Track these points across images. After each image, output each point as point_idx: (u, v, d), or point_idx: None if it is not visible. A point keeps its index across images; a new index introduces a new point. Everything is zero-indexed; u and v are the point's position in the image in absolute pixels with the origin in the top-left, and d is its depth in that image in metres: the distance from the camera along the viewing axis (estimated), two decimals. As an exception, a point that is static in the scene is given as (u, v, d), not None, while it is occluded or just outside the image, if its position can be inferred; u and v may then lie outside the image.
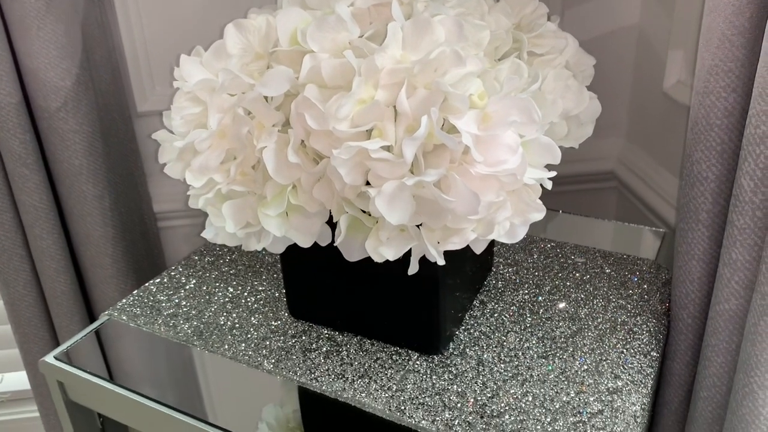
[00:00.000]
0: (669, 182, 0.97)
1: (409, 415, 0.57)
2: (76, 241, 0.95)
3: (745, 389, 0.57)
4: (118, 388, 0.64)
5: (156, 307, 0.73)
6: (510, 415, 0.57)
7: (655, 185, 1.01)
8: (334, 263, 0.64)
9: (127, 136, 0.99)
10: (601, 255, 0.79)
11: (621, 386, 0.60)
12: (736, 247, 0.58)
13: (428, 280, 0.60)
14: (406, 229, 0.51)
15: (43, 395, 1.03)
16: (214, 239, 0.58)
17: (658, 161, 1.01)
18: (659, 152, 1.01)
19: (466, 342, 0.66)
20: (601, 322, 0.68)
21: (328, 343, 0.67)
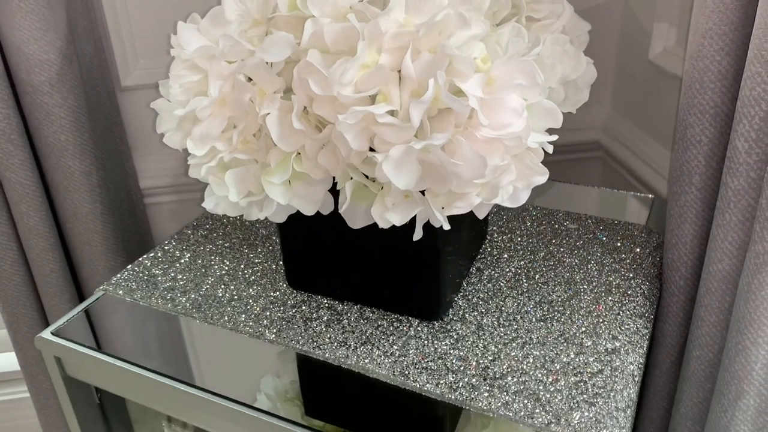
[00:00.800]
0: (655, 150, 0.99)
1: (414, 379, 0.58)
2: (64, 218, 0.94)
3: (738, 346, 0.59)
4: (117, 361, 0.64)
5: (152, 281, 0.73)
6: (512, 377, 0.58)
7: (641, 153, 1.02)
8: (334, 232, 0.64)
9: (111, 110, 0.97)
10: (593, 221, 0.80)
11: (618, 347, 0.61)
12: (730, 209, 0.59)
13: (429, 247, 0.60)
14: (410, 195, 0.51)
15: (33, 375, 1.02)
16: (214, 209, 0.58)
17: (643, 129, 1.02)
18: (645, 120, 1.02)
19: (465, 308, 0.66)
20: (596, 285, 0.69)
21: (328, 312, 0.67)
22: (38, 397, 1.04)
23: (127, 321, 0.69)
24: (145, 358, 0.64)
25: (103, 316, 0.70)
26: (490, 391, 0.56)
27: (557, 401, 0.55)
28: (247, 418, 0.58)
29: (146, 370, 0.63)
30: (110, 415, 0.76)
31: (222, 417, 0.59)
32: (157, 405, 0.67)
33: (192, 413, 0.63)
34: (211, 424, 0.63)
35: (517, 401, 0.55)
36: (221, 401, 0.58)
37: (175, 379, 0.61)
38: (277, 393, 0.61)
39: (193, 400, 0.60)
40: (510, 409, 0.55)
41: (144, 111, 1.03)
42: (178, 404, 0.63)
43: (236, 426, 0.60)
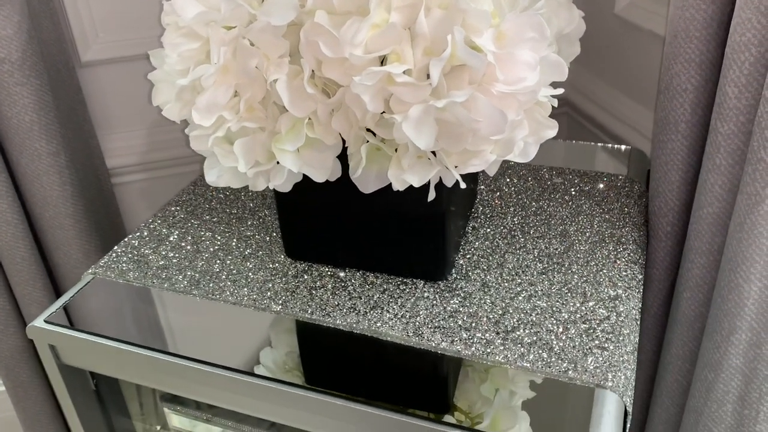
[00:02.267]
0: (623, 103, 1.01)
1: (428, 339, 0.59)
2: (32, 203, 0.90)
3: (731, 284, 0.62)
4: (115, 343, 0.62)
5: (143, 261, 0.71)
6: (524, 329, 0.59)
7: (609, 107, 1.04)
8: (335, 200, 0.63)
9: (72, 88, 0.93)
10: (577, 174, 0.82)
11: (620, 293, 0.63)
12: (720, 153, 0.62)
13: (434, 209, 0.60)
14: (423, 156, 0.51)
15: (9, 368, 0.98)
16: (216, 182, 0.56)
17: (610, 84, 1.04)
18: (612, 74, 1.04)
19: (467, 266, 0.67)
20: (590, 236, 0.71)
21: (331, 280, 0.66)
22: (15, 391, 1.01)
23: (116, 303, 0.67)
24: (140, 338, 0.62)
25: (90, 301, 0.68)
26: (504, 344, 0.58)
27: (571, 349, 0.57)
28: (250, 386, 0.57)
29: (144, 348, 0.61)
30: (107, 401, 0.74)
31: (225, 388, 0.59)
32: (156, 383, 0.65)
33: (194, 387, 0.62)
34: (214, 396, 0.62)
35: (532, 352, 0.57)
36: (224, 372, 0.58)
37: (174, 355, 0.60)
38: (277, 365, 0.61)
39: (194, 373, 0.59)
40: (527, 360, 0.56)
41: (106, 87, 0.98)
42: (178, 380, 0.62)
43: (239, 396, 0.60)
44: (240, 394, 0.59)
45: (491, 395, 0.57)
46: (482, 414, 0.56)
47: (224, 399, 0.61)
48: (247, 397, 0.59)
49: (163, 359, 0.60)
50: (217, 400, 0.62)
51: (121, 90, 0.99)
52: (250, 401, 0.60)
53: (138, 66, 0.98)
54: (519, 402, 0.56)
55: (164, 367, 0.61)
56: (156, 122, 1.03)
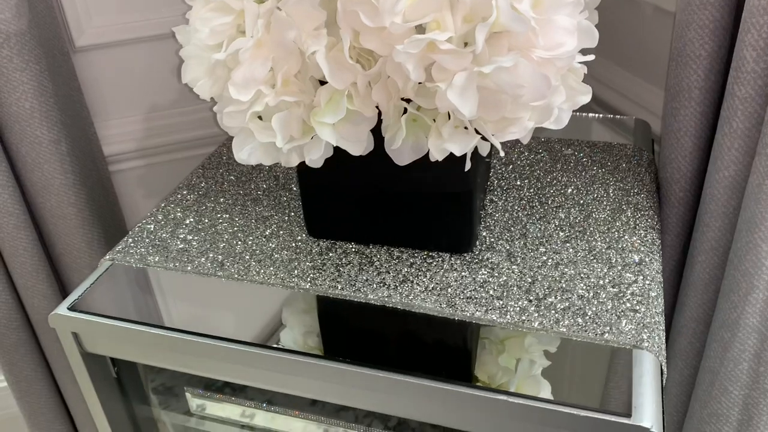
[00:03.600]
0: (616, 74, 1.02)
1: (462, 309, 0.59)
2: (33, 192, 0.87)
3: (749, 245, 0.63)
4: (142, 327, 0.61)
5: (163, 246, 0.70)
6: (556, 296, 0.60)
7: (604, 78, 1.05)
8: (362, 177, 0.63)
9: (69, 74, 0.91)
10: (586, 145, 0.83)
11: (643, 258, 0.64)
12: (737, 117, 0.63)
13: (466, 183, 0.61)
14: (460, 125, 0.51)
15: (12, 362, 0.96)
16: (247, 160, 0.56)
17: (604, 55, 1.05)
18: (605, 45, 1.05)
19: (490, 238, 0.68)
20: (607, 204, 0.72)
21: (357, 256, 0.66)
22: (18, 385, 0.98)
23: (130, 289, 0.66)
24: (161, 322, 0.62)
25: (103, 288, 0.67)
26: (538, 311, 0.58)
27: (604, 312, 0.58)
28: (280, 361, 0.57)
29: (169, 329, 0.61)
30: (128, 389, 0.73)
31: (250, 364, 0.59)
32: (181, 365, 0.65)
33: (221, 366, 0.62)
34: (241, 374, 0.62)
35: (566, 317, 0.57)
36: (250, 348, 0.58)
37: (198, 334, 0.60)
38: (297, 345, 0.61)
39: (221, 351, 0.59)
40: (563, 326, 0.57)
41: (102, 73, 0.96)
42: (203, 360, 0.62)
43: (265, 371, 0.60)
44: (270, 370, 0.59)
45: (511, 365, 0.57)
46: (506, 383, 0.57)
47: (254, 376, 0.61)
48: (276, 372, 0.59)
49: (188, 339, 0.60)
50: (245, 378, 0.62)
51: (117, 75, 0.97)
52: (279, 377, 0.60)
53: (133, 50, 0.96)
54: (539, 370, 0.56)
55: (189, 347, 0.60)
56: (152, 108, 1.01)
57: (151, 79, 0.99)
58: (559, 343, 0.56)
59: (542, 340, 0.57)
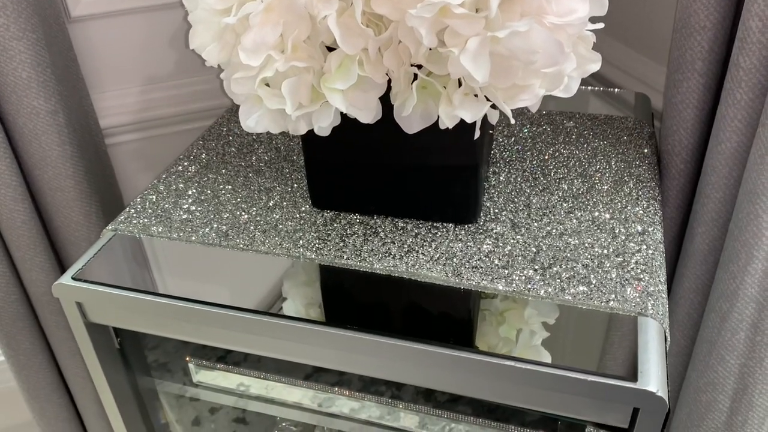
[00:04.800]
0: (616, 49, 1.02)
1: (468, 278, 0.60)
2: (30, 164, 0.86)
3: (749, 216, 0.64)
4: (146, 295, 0.61)
5: (166, 216, 0.69)
6: (560, 265, 0.60)
7: (603, 53, 1.05)
8: (368, 146, 0.63)
9: (65, 44, 0.89)
10: (588, 118, 0.83)
11: (646, 228, 0.65)
12: (741, 88, 0.63)
13: (469, 150, 0.61)
14: (470, 93, 0.51)
15: (10, 336, 0.96)
16: (254, 128, 0.55)
17: (604, 30, 1.05)
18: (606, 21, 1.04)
19: (494, 209, 0.68)
20: (609, 176, 0.72)
21: (361, 227, 0.66)
22: (17, 359, 0.98)
23: (134, 259, 0.66)
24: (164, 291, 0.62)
25: (109, 258, 0.66)
26: (544, 280, 0.59)
27: (608, 281, 0.58)
28: (277, 327, 0.58)
29: (173, 298, 0.61)
30: (131, 359, 0.73)
31: (253, 331, 0.59)
32: (184, 334, 0.65)
33: (222, 334, 0.62)
34: (245, 342, 0.62)
35: (572, 286, 0.58)
36: (253, 316, 0.58)
37: (202, 302, 0.60)
38: (300, 314, 0.61)
39: (224, 319, 0.59)
40: (568, 294, 0.57)
41: (98, 43, 0.95)
42: (208, 328, 0.62)
43: (267, 338, 0.60)
44: (272, 337, 0.59)
45: (511, 336, 0.58)
46: (508, 353, 0.58)
47: (257, 344, 0.61)
48: (277, 339, 0.59)
49: (192, 307, 0.60)
50: (251, 346, 0.62)
51: (113, 46, 0.96)
52: (280, 343, 0.60)
53: (130, 21, 0.94)
54: (539, 341, 0.57)
55: (192, 315, 0.60)
56: (149, 80, 1.00)
57: (148, 51, 0.98)
58: (559, 314, 0.57)
59: (541, 312, 0.58)
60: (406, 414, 0.70)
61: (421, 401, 0.69)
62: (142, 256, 0.67)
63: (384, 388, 0.70)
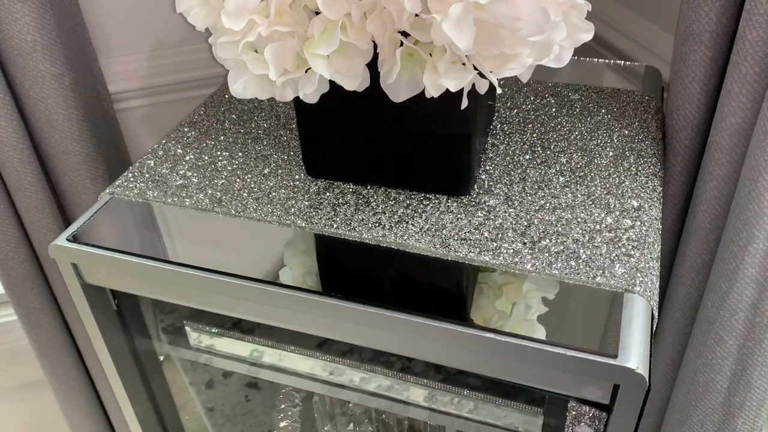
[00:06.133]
0: (629, 19, 0.99)
1: (455, 250, 0.59)
2: (37, 127, 0.88)
3: (751, 194, 0.62)
4: (139, 259, 0.62)
5: (162, 181, 0.70)
6: (551, 239, 0.60)
7: (616, 23, 1.03)
8: (360, 114, 0.62)
9: (72, 7, 0.90)
10: (594, 90, 0.81)
11: (642, 204, 0.63)
12: (747, 61, 0.61)
13: (464, 124, 0.60)
14: (457, 61, 0.50)
15: (20, 295, 0.98)
16: (242, 94, 0.55)
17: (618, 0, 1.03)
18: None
19: (489, 181, 0.67)
20: (610, 150, 0.71)
21: (354, 196, 0.66)
22: (27, 317, 1.01)
23: (132, 223, 0.67)
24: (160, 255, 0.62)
25: (107, 221, 0.67)
26: (532, 254, 0.58)
27: (598, 256, 0.57)
28: (273, 295, 0.58)
29: (166, 262, 0.61)
30: (128, 321, 0.75)
31: (248, 298, 0.60)
32: (177, 298, 0.66)
33: (216, 299, 0.63)
34: (237, 308, 0.63)
35: (560, 260, 0.57)
36: (247, 283, 0.59)
37: (194, 267, 0.60)
38: (296, 282, 0.61)
39: (215, 284, 0.59)
40: (555, 268, 0.57)
41: (107, 8, 0.95)
42: (199, 293, 0.62)
43: (264, 305, 0.61)
44: (264, 304, 0.60)
45: (507, 310, 0.57)
46: (501, 326, 0.57)
47: (247, 310, 0.62)
48: (269, 306, 0.60)
49: (185, 272, 0.60)
50: (241, 312, 0.63)
51: (122, 11, 0.96)
52: (272, 310, 0.60)
53: (138, -15, 0.94)
54: (535, 315, 0.57)
55: (185, 280, 0.61)
56: (158, 45, 1.00)
57: (158, 16, 0.98)
58: (558, 290, 0.56)
59: (540, 286, 0.57)
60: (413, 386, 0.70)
61: (432, 374, 0.69)
62: (137, 220, 0.67)
63: (394, 359, 0.69)
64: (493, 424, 0.68)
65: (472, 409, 0.69)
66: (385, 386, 0.71)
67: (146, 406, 0.81)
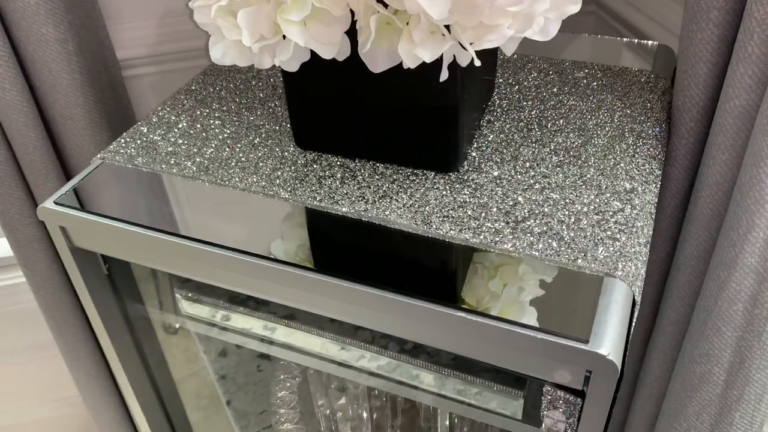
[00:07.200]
0: (654, -2, 0.96)
1: (437, 227, 0.58)
2: (42, 92, 0.88)
3: (752, 180, 0.60)
4: (123, 224, 0.62)
5: (152, 147, 0.70)
6: (535, 219, 0.58)
7: (638, 3, 0.99)
8: (346, 86, 0.61)
9: (78, -28, 0.90)
10: (600, 69, 0.78)
11: (636, 187, 0.61)
12: (753, 40, 0.58)
13: (449, 97, 0.58)
14: (436, 31, 0.49)
15: (26, 257, 1.00)
16: (221, 60, 0.55)
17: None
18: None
19: (480, 158, 0.66)
20: (609, 130, 0.68)
21: (341, 169, 0.65)
22: (34, 279, 1.03)
23: (122, 188, 0.67)
24: (149, 222, 0.62)
25: (97, 185, 0.67)
26: (514, 234, 0.57)
27: (581, 239, 0.56)
28: (257, 267, 0.57)
29: (151, 229, 0.61)
30: (120, 286, 0.75)
31: (235, 269, 0.59)
32: (166, 265, 0.66)
33: (201, 269, 0.63)
34: (222, 278, 0.63)
35: (541, 241, 0.56)
36: (234, 254, 0.58)
37: (180, 236, 0.60)
38: (288, 256, 0.61)
39: (204, 255, 0.59)
40: (535, 249, 0.55)
41: (114, -27, 0.95)
42: (184, 261, 0.62)
43: (249, 277, 0.60)
44: (248, 276, 0.59)
45: (499, 291, 0.56)
46: (489, 308, 0.56)
47: (232, 281, 0.62)
48: (254, 278, 0.59)
49: (169, 240, 0.60)
50: (229, 282, 0.63)
51: (129, -23, 0.96)
52: (252, 281, 0.60)
53: (146, -50, 0.94)
54: (528, 297, 0.55)
55: (170, 248, 0.61)
56: (166, 12, 1.00)
57: (165, -17, 0.98)
58: (557, 273, 0.54)
59: (537, 269, 0.55)
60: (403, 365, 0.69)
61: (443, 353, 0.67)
62: (126, 186, 0.67)
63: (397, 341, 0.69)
64: (477, 405, 0.67)
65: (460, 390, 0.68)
66: (381, 366, 0.70)
67: (139, 371, 0.83)
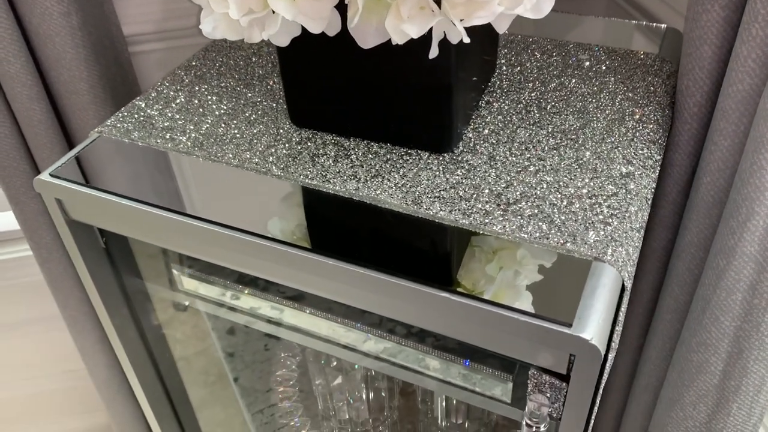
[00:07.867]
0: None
1: (427, 207, 0.57)
2: (47, 66, 0.89)
3: (753, 167, 0.58)
4: (118, 198, 0.62)
5: (149, 122, 0.70)
6: (526, 202, 0.57)
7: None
8: (340, 63, 0.61)
9: (83, -54, 0.89)
10: (605, 51, 0.77)
11: (633, 171, 0.60)
12: (758, 22, 0.56)
13: (441, 74, 0.57)
14: (426, 7, 0.48)
15: (32, 230, 1.01)
16: (212, 33, 0.54)
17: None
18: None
19: (476, 140, 0.65)
20: (609, 113, 0.67)
21: (335, 148, 0.65)
22: (39, 252, 1.04)
23: (124, 162, 0.67)
24: (146, 196, 0.62)
25: (100, 159, 0.68)
26: (504, 216, 0.56)
27: (572, 222, 0.55)
28: (249, 245, 0.57)
29: (146, 204, 0.61)
30: (117, 260, 0.76)
31: (230, 247, 0.59)
32: (160, 241, 0.66)
33: (196, 246, 0.63)
34: (218, 256, 0.63)
35: (531, 224, 0.55)
36: (230, 232, 0.58)
37: (174, 212, 0.60)
38: (285, 234, 0.61)
39: (197, 231, 0.59)
40: (525, 231, 0.54)
41: (120, -53, 0.95)
42: (181, 237, 0.63)
43: (245, 256, 0.60)
44: (240, 253, 0.59)
45: (495, 274, 0.55)
46: (483, 292, 0.56)
47: (226, 258, 0.62)
48: (246, 255, 0.59)
49: (161, 215, 0.60)
50: (224, 260, 0.63)
51: (136, -49, 0.96)
52: (250, 260, 0.60)
53: (152, -75, 0.93)
54: (524, 282, 0.54)
55: (162, 222, 0.61)
56: (172, -12, 1.00)
57: (171, -42, 0.97)
58: (555, 259, 0.53)
59: (535, 254, 0.54)
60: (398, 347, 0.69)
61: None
62: (123, 159, 0.67)
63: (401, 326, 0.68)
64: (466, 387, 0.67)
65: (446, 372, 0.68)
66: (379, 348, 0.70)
67: (137, 344, 0.83)
